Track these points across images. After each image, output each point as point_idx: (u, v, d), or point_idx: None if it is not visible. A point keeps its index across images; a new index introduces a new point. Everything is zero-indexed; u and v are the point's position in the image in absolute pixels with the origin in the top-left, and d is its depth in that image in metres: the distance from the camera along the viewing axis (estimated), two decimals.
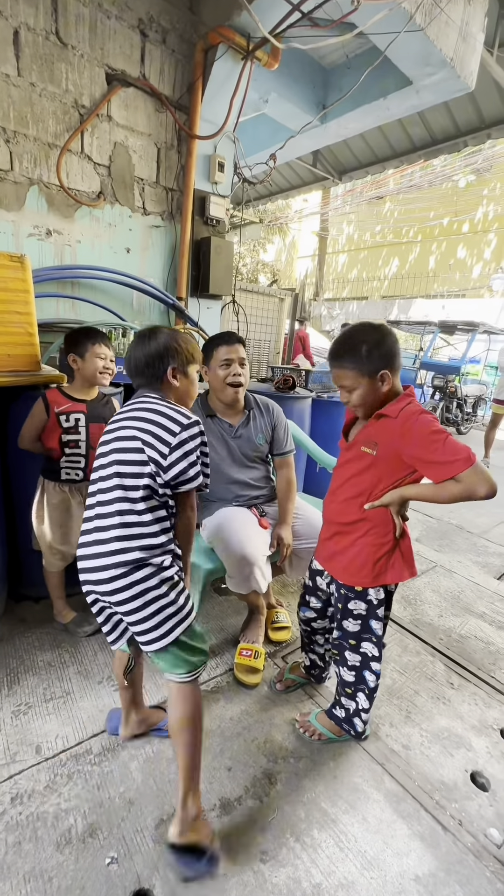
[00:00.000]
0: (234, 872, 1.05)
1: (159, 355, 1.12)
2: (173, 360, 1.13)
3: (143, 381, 1.15)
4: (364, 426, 1.21)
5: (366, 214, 15.51)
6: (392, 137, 5.15)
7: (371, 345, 1.12)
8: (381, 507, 1.17)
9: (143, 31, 2.63)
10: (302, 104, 3.69)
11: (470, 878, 1.08)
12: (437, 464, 1.03)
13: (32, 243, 2.50)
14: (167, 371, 1.13)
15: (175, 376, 1.14)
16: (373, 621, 1.25)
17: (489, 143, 7.84)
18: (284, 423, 1.84)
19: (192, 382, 1.20)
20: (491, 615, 2.19)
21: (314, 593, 1.42)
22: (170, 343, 1.13)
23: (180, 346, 1.14)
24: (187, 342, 1.16)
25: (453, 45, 2.86)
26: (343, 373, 1.16)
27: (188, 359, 1.16)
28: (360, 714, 1.32)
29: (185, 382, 1.17)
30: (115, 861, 1.05)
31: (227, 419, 1.76)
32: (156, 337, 1.14)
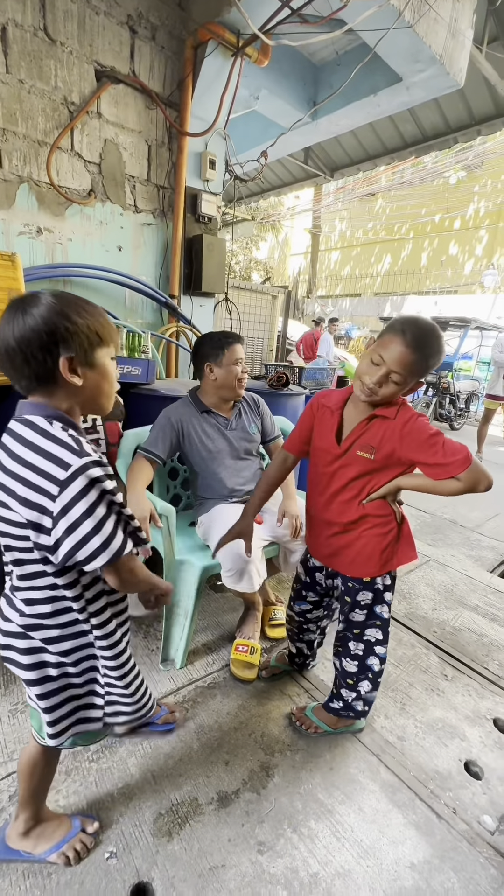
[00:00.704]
0: (232, 864, 1.06)
1: (40, 342, 0.73)
2: (66, 347, 0.74)
3: (24, 382, 0.77)
4: (358, 430, 1.18)
5: (358, 211, 15.53)
6: (383, 134, 5.16)
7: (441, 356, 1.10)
8: (378, 498, 1.20)
9: (132, 28, 2.62)
10: (293, 101, 3.69)
11: (464, 864, 1.10)
12: (438, 465, 1.07)
13: (23, 242, 2.49)
14: (58, 365, 0.75)
15: (75, 370, 0.77)
16: (378, 607, 1.27)
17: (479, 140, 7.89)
18: (268, 411, 1.95)
19: (105, 374, 0.82)
20: (484, 608, 2.22)
21: (312, 588, 1.43)
22: (56, 321, 0.73)
23: (76, 323, 0.75)
24: (89, 314, 0.78)
25: (442, 42, 2.87)
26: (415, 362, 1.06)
27: (94, 340, 0.78)
28: (361, 698, 1.33)
29: (94, 377, 0.80)
30: (114, 856, 1.06)
31: (222, 413, 1.79)
32: (31, 311, 0.73)
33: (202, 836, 1.12)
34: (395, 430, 1.12)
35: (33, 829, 1.04)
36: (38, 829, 1.04)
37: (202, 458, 1.74)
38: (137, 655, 1.69)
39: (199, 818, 1.16)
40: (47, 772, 1.03)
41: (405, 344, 1.05)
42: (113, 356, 0.84)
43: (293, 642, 1.59)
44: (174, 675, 1.61)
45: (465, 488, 1.07)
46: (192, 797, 1.21)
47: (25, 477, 0.72)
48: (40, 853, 1.03)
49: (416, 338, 1.05)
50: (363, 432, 1.17)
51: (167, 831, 1.12)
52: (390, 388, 1.10)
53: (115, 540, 0.76)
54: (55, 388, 0.78)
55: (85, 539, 0.73)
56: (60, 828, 1.06)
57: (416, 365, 1.07)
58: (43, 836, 1.04)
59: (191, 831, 1.12)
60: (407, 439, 1.10)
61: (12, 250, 2.30)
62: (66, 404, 0.80)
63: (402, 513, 1.24)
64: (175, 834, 1.12)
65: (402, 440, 1.11)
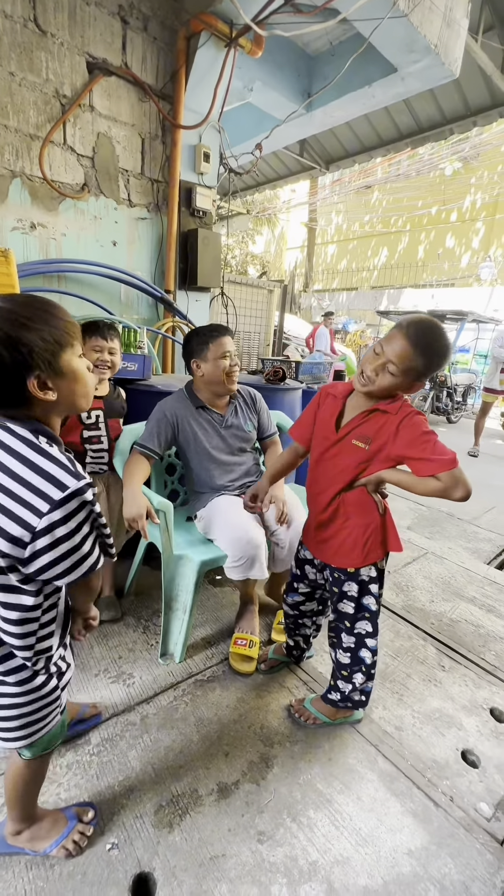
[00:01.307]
0: (232, 853, 1.08)
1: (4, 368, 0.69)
2: (28, 368, 0.70)
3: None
4: (357, 420, 1.20)
5: (354, 204, 15.43)
6: (378, 125, 5.12)
7: (445, 359, 1.11)
8: (360, 486, 1.21)
9: (123, 18, 2.58)
10: (287, 92, 3.65)
11: (461, 850, 1.12)
12: (424, 460, 1.08)
13: (16, 237, 2.47)
14: (27, 388, 0.72)
15: (45, 385, 0.73)
16: (366, 599, 1.28)
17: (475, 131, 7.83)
18: (266, 407, 1.93)
19: (76, 377, 0.78)
20: (481, 599, 2.23)
21: (302, 580, 1.45)
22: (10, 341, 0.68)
23: (32, 337, 0.70)
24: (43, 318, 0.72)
25: (437, 32, 2.84)
26: (412, 357, 1.07)
27: (54, 349, 0.73)
28: (357, 689, 1.34)
29: (65, 384, 0.77)
30: (115, 847, 1.07)
31: (217, 409, 1.78)
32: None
33: (203, 826, 1.13)
34: (393, 424, 1.13)
35: (26, 830, 1.04)
36: (32, 829, 1.04)
37: (196, 454, 1.74)
38: (136, 650, 1.70)
39: (200, 809, 1.17)
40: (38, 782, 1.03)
41: (406, 338, 1.08)
42: (79, 354, 0.80)
43: (290, 636, 1.60)
44: (173, 670, 1.62)
45: (442, 489, 1.06)
46: (193, 789, 1.22)
47: (13, 490, 0.71)
48: (41, 850, 1.04)
49: (417, 334, 1.08)
50: (362, 423, 1.19)
51: (168, 822, 1.13)
52: (386, 378, 1.11)
53: (91, 557, 0.77)
54: (29, 406, 0.76)
55: (63, 556, 0.73)
56: (56, 825, 1.06)
57: (413, 361, 1.08)
58: (39, 836, 1.04)
59: (191, 822, 1.14)
60: (401, 433, 1.12)
61: (5, 246, 2.28)
62: (44, 415, 0.79)
63: (386, 505, 1.26)
64: (176, 825, 1.13)
65: (397, 434, 1.12)
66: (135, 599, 2.01)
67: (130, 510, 1.49)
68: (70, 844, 1.05)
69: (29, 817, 1.04)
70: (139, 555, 1.96)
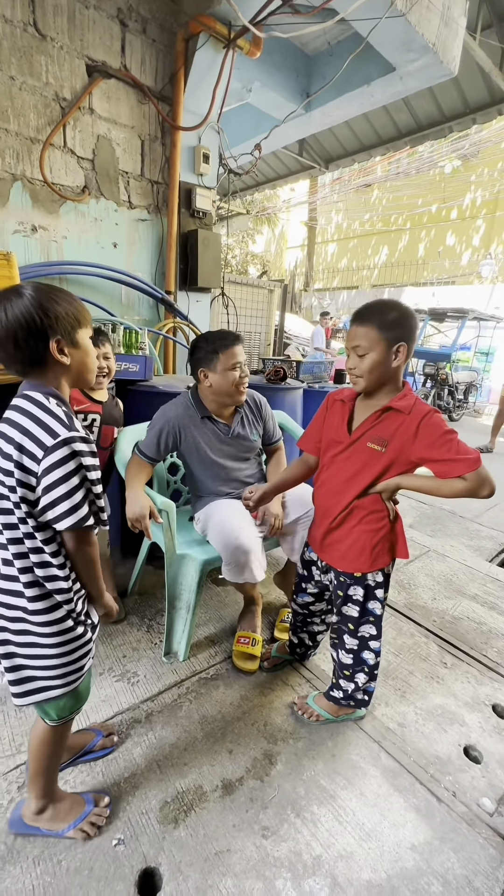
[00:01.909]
0: (237, 848, 1.09)
1: (31, 329, 0.82)
2: (53, 332, 0.84)
3: (18, 366, 0.86)
4: (370, 421, 1.18)
5: (354, 203, 15.41)
6: (377, 124, 5.12)
7: (400, 314, 1.11)
8: (375, 493, 1.20)
9: (122, 21, 2.60)
10: (286, 93, 3.66)
11: (464, 844, 1.13)
12: (447, 461, 1.07)
13: (18, 240, 2.49)
14: (48, 348, 0.85)
15: (63, 350, 0.87)
16: (371, 604, 1.28)
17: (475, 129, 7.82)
18: (271, 413, 1.88)
19: (87, 351, 0.92)
20: (483, 596, 2.24)
21: (309, 581, 1.45)
22: (43, 307, 0.82)
23: (59, 308, 0.85)
24: (67, 300, 0.88)
25: (435, 30, 2.85)
26: (364, 331, 1.12)
27: (74, 323, 0.88)
28: (360, 689, 1.35)
29: (78, 354, 0.90)
30: (121, 842, 1.09)
31: (222, 419, 1.73)
32: (16, 302, 0.81)
33: (207, 822, 1.14)
34: (411, 426, 1.11)
35: (47, 809, 1.07)
36: (52, 808, 1.08)
37: (199, 462, 1.73)
38: (140, 649, 1.72)
39: (205, 805, 1.18)
40: (59, 750, 1.06)
41: (356, 322, 1.15)
42: (90, 335, 0.94)
43: (295, 633, 1.61)
44: (177, 668, 1.63)
45: (469, 489, 1.06)
46: (197, 785, 1.23)
47: (20, 442, 0.81)
48: (59, 830, 1.07)
49: (362, 311, 1.14)
50: (375, 424, 1.17)
51: (173, 818, 1.15)
52: (364, 362, 1.13)
53: (81, 510, 0.84)
54: (45, 369, 0.88)
55: (56, 501, 0.82)
56: (76, 806, 1.11)
57: (375, 329, 1.10)
58: (59, 816, 1.08)
59: (196, 818, 1.15)
60: (421, 435, 1.10)
61: (7, 249, 2.30)
62: (56, 382, 0.90)
63: (397, 511, 1.24)
64: (181, 821, 1.14)
65: (417, 435, 1.10)
66: (138, 599, 2.02)
67: (133, 510, 1.50)
68: (87, 826, 1.08)
69: (51, 793, 1.08)
70: (142, 554, 1.97)
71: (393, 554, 1.25)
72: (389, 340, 1.11)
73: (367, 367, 1.13)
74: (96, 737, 1.31)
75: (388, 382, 1.17)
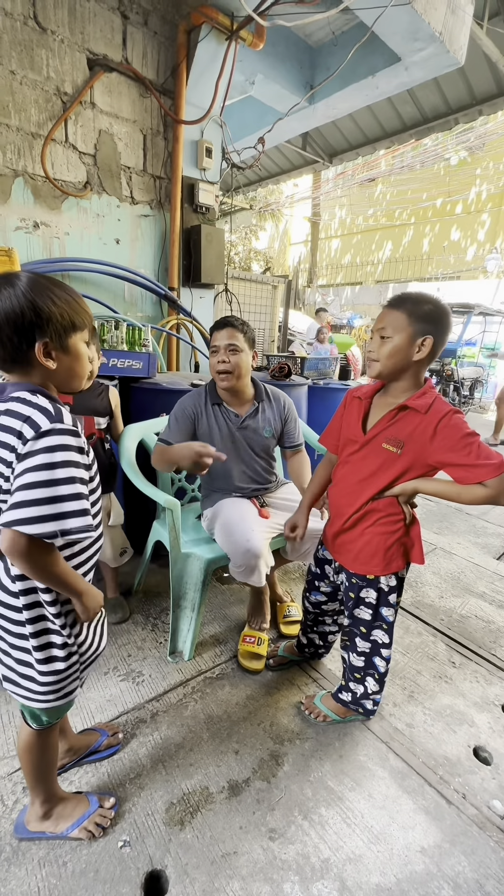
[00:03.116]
0: (244, 850, 1.08)
1: (16, 326, 0.74)
2: (41, 332, 0.77)
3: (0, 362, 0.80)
4: (385, 421, 1.15)
5: (358, 198, 15.30)
6: (382, 117, 5.06)
7: (435, 308, 1.08)
8: (392, 496, 1.16)
9: (123, 13, 2.56)
10: (289, 85, 3.61)
11: (474, 848, 1.11)
12: (467, 466, 1.01)
13: (20, 236, 2.47)
14: (33, 349, 0.77)
15: (49, 354, 0.79)
16: (384, 608, 1.25)
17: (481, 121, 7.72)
18: (295, 416, 1.80)
19: (77, 358, 0.84)
20: (491, 595, 2.21)
21: (323, 580, 1.43)
22: (34, 305, 0.75)
23: (50, 311, 0.76)
24: (66, 300, 0.79)
25: (442, 19, 2.79)
26: (393, 315, 1.08)
27: (67, 327, 0.80)
28: (368, 696, 1.34)
29: (67, 360, 0.82)
30: (127, 844, 1.07)
31: (234, 409, 1.69)
32: (6, 293, 0.74)
33: (214, 824, 1.13)
34: (429, 427, 1.06)
35: (52, 811, 1.07)
36: (56, 809, 1.07)
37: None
38: (146, 648, 1.71)
39: (211, 807, 1.17)
40: (48, 753, 1.03)
41: (389, 306, 1.11)
42: (86, 340, 0.86)
43: (305, 633, 1.59)
44: (183, 667, 1.62)
45: (491, 496, 0.99)
46: (204, 786, 1.22)
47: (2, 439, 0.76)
48: (62, 831, 1.06)
49: (398, 297, 1.11)
50: (391, 424, 1.13)
51: (179, 820, 1.13)
52: (386, 346, 1.09)
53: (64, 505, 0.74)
54: (30, 368, 0.80)
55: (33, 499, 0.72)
56: (79, 805, 1.10)
57: (405, 315, 1.07)
58: (63, 816, 1.07)
59: (203, 819, 1.14)
60: (440, 437, 1.04)
61: (9, 245, 2.28)
62: (41, 381, 0.83)
63: (414, 515, 1.20)
64: (187, 822, 1.13)
65: (435, 437, 1.05)
66: (143, 598, 2.01)
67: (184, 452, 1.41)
68: (91, 826, 1.07)
69: (53, 796, 1.07)
70: (147, 553, 1.96)
71: (408, 559, 1.22)
72: (416, 330, 1.07)
73: (387, 351, 1.09)
74: (101, 737, 1.29)
75: (407, 376, 1.13)
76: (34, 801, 1.06)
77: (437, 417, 1.06)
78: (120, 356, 2.12)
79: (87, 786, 1.20)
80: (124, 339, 2.29)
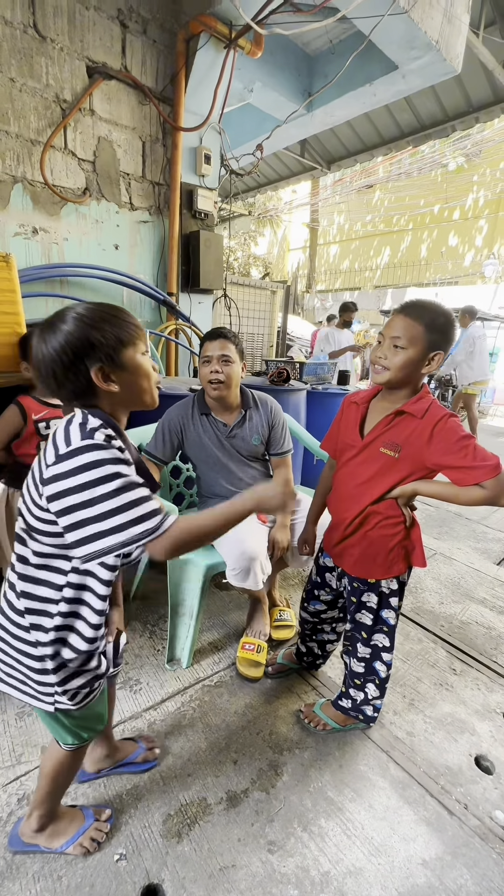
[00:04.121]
0: (242, 864, 1.06)
1: (67, 361, 0.75)
2: (91, 359, 0.77)
3: (66, 395, 0.80)
4: (382, 425, 1.15)
5: (356, 204, 15.38)
6: (379, 124, 5.09)
7: (448, 322, 1.07)
8: (391, 499, 1.16)
9: (122, 22, 2.58)
10: (287, 93, 3.64)
11: (477, 860, 1.09)
12: (465, 469, 1.02)
13: (19, 242, 2.47)
14: (91, 377, 0.78)
15: (108, 379, 0.79)
16: (385, 612, 1.25)
17: (477, 128, 7.78)
18: (283, 421, 1.78)
19: (137, 370, 0.82)
20: (491, 600, 2.20)
21: (323, 588, 1.42)
22: (81, 334, 0.76)
23: (94, 336, 0.76)
24: (110, 319, 0.79)
25: (438, 28, 2.82)
26: (410, 324, 1.05)
27: (116, 344, 0.79)
28: (369, 702, 1.32)
29: (127, 377, 0.82)
30: (123, 857, 1.06)
31: (222, 418, 1.69)
32: (50, 337, 0.76)
33: (212, 836, 1.11)
34: (425, 431, 1.07)
35: (47, 827, 1.05)
36: (51, 826, 1.05)
37: (201, 461, 1.71)
38: (143, 655, 1.69)
39: (209, 818, 1.15)
40: (71, 774, 1.03)
41: (401, 311, 1.09)
42: (143, 351, 0.85)
43: (304, 642, 1.57)
44: (181, 675, 1.60)
45: (489, 497, 1.01)
46: (201, 797, 1.20)
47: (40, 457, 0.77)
48: (57, 847, 1.04)
49: (415, 304, 1.08)
50: (388, 428, 1.13)
51: (177, 832, 1.12)
52: (398, 356, 1.07)
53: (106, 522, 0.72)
54: (95, 397, 0.81)
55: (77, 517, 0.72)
56: (74, 821, 1.08)
57: (415, 328, 1.05)
58: (57, 832, 1.05)
59: (200, 832, 1.12)
60: (436, 440, 1.05)
61: (8, 251, 2.28)
62: (111, 409, 0.83)
63: (414, 517, 1.20)
64: (185, 835, 1.11)
65: (432, 441, 1.06)
66: (140, 604, 1.99)
67: None
68: (87, 842, 1.06)
69: (53, 812, 1.05)
70: (144, 559, 1.94)
71: (409, 562, 1.21)
72: (430, 343, 1.06)
73: (400, 363, 1.08)
74: (139, 748, 1.28)
75: (410, 385, 1.13)
76: (33, 812, 1.04)
77: (433, 421, 1.07)
78: None
79: (83, 797, 1.18)
80: None
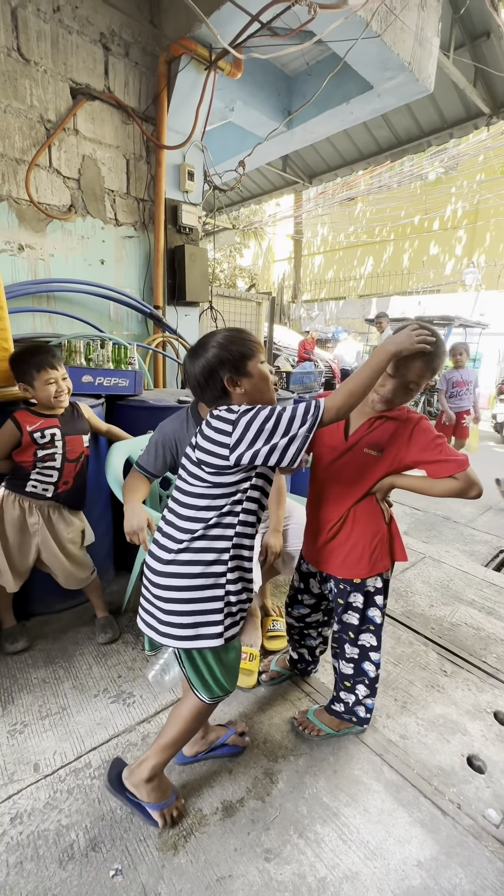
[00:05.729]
0: (239, 873, 1.06)
1: (207, 374, 1.06)
2: (223, 371, 1.04)
3: (209, 398, 1.09)
4: (364, 428, 1.21)
5: (338, 216, 15.70)
6: (358, 140, 5.24)
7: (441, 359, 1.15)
8: (371, 494, 1.22)
9: (105, 45, 2.65)
10: (267, 111, 3.74)
11: (471, 859, 1.11)
12: (440, 462, 1.13)
13: (5, 259, 2.49)
14: (224, 383, 1.06)
15: (236, 385, 1.06)
16: (371, 611, 1.28)
17: (453, 142, 8.03)
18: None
19: (258, 377, 1.08)
20: (480, 602, 2.23)
21: (306, 593, 1.44)
22: (214, 354, 1.05)
23: (227, 352, 1.05)
24: (238, 341, 1.07)
25: (410, 50, 2.94)
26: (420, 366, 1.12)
27: (240, 358, 1.06)
28: (361, 703, 1.34)
29: (250, 383, 1.07)
30: (119, 873, 1.05)
31: None
32: (200, 353, 1.07)
33: (208, 847, 1.11)
34: (405, 432, 1.18)
35: (153, 780, 1.13)
36: (157, 780, 1.14)
37: None
38: (136, 668, 1.68)
39: (205, 829, 1.15)
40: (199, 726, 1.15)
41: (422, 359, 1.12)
42: (261, 361, 1.10)
43: (294, 648, 1.59)
44: (174, 687, 1.59)
45: (460, 488, 1.11)
46: (197, 808, 1.20)
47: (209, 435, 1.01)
48: (152, 803, 1.13)
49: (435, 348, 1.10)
50: (370, 431, 1.21)
51: (172, 844, 1.11)
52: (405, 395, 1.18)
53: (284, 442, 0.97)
54: (228, 399, 1.08)
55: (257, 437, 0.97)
56: (169, 788, 1.18)
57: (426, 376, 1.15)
58: (159, 788, 1.14)
59: (196, 843, 1.12)
60: (415, 440, 1.17)
61: None
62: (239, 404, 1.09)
63: (391, 513, 1.26)
64: (181, 846, 1.11)
65: (411, 441, 1.17)
66: (133, 617, 1.99)
67: (131, 523, 1.46)
68: (174, 812, 1.15)
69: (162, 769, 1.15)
70: (136, 571, 1.94)
71: (392, 557, 1.26)
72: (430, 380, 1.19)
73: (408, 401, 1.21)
74: (229, 731, 1.36)
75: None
76: (148, 760, 1.13)
77: (412, 423, 1.19)
78: (106, 374, 2.14)
79: (77, 813, 1.17)
80: (110, 357, 2.30)
